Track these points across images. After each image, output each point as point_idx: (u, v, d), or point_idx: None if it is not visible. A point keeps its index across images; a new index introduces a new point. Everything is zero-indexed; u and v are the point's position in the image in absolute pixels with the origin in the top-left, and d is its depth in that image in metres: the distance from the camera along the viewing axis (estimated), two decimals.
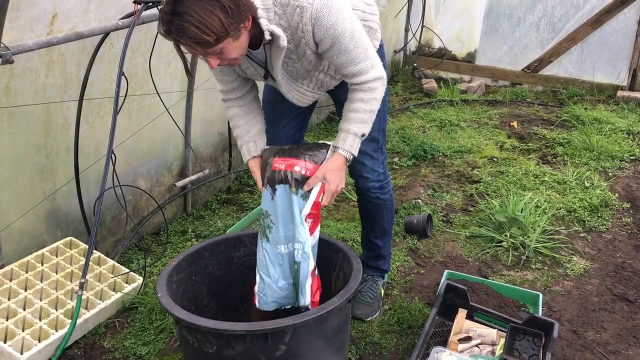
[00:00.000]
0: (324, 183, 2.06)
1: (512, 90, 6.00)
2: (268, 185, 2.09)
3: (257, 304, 2.20)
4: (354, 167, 2.49)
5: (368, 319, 2.68)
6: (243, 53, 1.91)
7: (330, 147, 2.13)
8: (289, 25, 1.94)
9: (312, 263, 2.11)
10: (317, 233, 2.13)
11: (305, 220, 2.06)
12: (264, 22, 1.89)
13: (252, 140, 2.30)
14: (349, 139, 2.10)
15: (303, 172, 2.05)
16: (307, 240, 2.07)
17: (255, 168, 2.27)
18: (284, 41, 1.94)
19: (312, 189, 2.05)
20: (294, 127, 2.53)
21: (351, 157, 2.13)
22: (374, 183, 2.54)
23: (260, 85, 2.47)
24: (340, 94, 2.34)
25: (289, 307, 2.20)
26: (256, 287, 2.19)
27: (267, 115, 2.43)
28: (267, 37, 1.92)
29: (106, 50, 2.71)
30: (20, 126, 2.50)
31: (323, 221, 3.52)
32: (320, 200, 2.07)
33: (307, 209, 2.06)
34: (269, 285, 2.15)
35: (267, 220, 2.11)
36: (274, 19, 1.92)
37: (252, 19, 1.85)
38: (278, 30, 1.92)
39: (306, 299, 2.12)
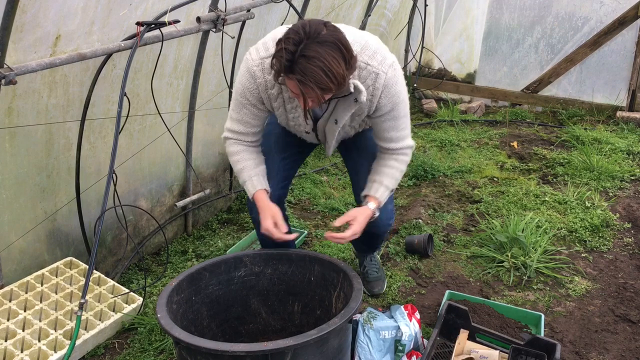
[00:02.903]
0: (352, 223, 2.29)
1: (511, 111, 6.03)
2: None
3: None
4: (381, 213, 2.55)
5: (383, 291, 2.97)
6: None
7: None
8: None
9: (412, 345, 2.43)
10: (414, 321, 2.49)
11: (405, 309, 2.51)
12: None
13: (261, 174, 2.37)
14: (381, 190, 2.33)
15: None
16: (410, 326, 2.43)
17: (263, 201, 2.32)
18: (364, 96, 2.05)
19: None
20: (293, 162, 2.62)
21: (378, 208, 2.34)
22: (390, 221, 2.69)
23: None
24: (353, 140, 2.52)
25: None
26: None
27: (270, 146, 2.50)
28: (352, 89, 2.02)
29: (108, 71, 2.74)
30: (22, 146, 2.51)
31: (323, 241, 3.52)
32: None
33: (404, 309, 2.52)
34: None
35: (371, 311, 2.45)
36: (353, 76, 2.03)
37: None
38: (361, 86, 2.03)
39: None
